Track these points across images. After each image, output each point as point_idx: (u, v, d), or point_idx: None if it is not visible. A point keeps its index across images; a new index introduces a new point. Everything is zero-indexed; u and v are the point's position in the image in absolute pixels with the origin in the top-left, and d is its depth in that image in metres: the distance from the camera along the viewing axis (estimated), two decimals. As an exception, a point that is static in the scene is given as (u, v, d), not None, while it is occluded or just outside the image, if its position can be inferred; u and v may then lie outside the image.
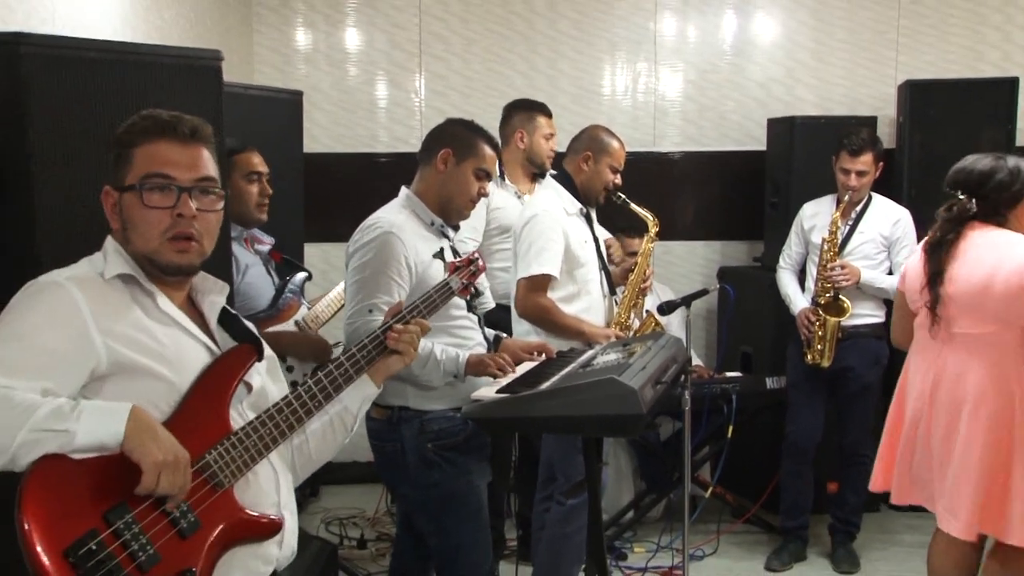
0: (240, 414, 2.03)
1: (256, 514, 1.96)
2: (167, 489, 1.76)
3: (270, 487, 2.04)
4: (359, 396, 2.27)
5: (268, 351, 2.21)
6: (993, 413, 3.20)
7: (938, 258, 3.32)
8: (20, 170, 2.56)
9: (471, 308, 3.31)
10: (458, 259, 2.65)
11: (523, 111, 4.75)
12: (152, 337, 1.92)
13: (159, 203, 1.94)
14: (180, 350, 1.97)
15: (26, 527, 1.61)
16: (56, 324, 1.81)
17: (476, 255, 2.69)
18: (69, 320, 1.82)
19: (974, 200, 3.29)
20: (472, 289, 2.63)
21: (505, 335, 3.55)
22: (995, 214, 3.30)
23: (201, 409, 1.94)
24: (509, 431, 3.95)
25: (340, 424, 2.26)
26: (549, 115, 4.75)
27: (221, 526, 1.88)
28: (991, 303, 3.22)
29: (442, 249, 3.16)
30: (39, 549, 1.61)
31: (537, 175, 4.75)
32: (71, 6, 3.69)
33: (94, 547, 1.67)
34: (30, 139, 2.55)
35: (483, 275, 2.82)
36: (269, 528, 1.98)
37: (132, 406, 1.78)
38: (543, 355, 3.33)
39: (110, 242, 2.00)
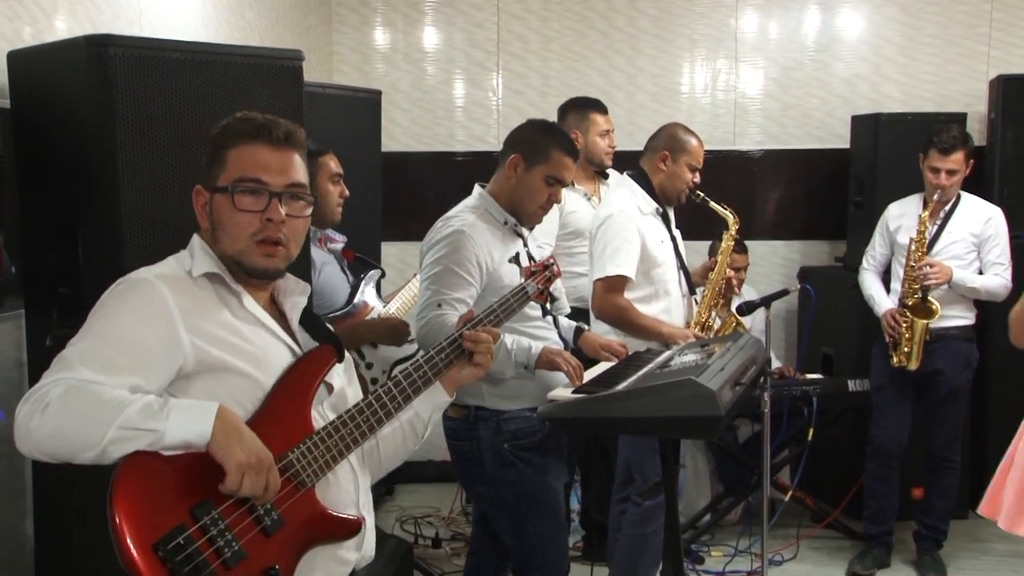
0: (321, 415, 2.02)
1: (338, 514, 1.97)
2: (249, 490, 1.77)
3: (350, 487, 2.04)
4: (431, 403, 2.22)
5: (346, 353, 2.20)
6: None
7: None
8: (107, 167, 2.61)
9: (546, 312, 3.30)
10: (534, 264, 2.62)
11: (576, 110, 4.63)
12: (238, 335, 1.94)
13: (250, 206, 1.95)
14: (265, 349, 1.98)
15: (117, 521, 1.65)
16: (146, 321, 1.82)
17: (551, 260, 2.65)
18: (159, 318, 1.83)
19: None
20: (548, 295, 2.59)
21: (586, 327, 3.55)
22: None
23: (284, 408, 1.95)
24: (585, 431, 3.92)
25: (411, 430, 2.23)
26: (604, 111, 4.63)
27: (304, 525, 1.90)
28: None
29: (517, 254, 3.14)
30: (129, 542, 1.64)
31: (599, 174, 4.69)
32: (157, 8, 3.77)
33: (182, 542, 1.69)
34: (117, 137, 2.59)
35: (558, 280, 2.81)
36: (350, 528, 1.99)
37: (219, 406, 1.79)
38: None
39: (197, 240, 2.01)
